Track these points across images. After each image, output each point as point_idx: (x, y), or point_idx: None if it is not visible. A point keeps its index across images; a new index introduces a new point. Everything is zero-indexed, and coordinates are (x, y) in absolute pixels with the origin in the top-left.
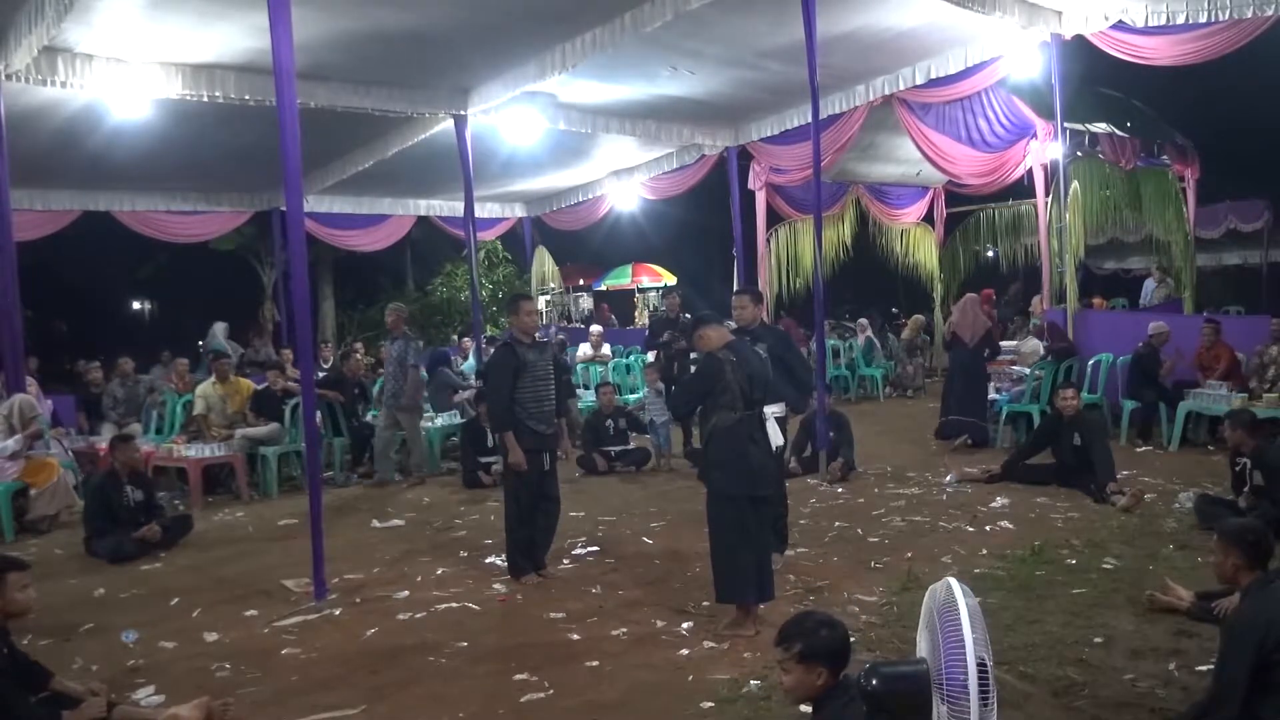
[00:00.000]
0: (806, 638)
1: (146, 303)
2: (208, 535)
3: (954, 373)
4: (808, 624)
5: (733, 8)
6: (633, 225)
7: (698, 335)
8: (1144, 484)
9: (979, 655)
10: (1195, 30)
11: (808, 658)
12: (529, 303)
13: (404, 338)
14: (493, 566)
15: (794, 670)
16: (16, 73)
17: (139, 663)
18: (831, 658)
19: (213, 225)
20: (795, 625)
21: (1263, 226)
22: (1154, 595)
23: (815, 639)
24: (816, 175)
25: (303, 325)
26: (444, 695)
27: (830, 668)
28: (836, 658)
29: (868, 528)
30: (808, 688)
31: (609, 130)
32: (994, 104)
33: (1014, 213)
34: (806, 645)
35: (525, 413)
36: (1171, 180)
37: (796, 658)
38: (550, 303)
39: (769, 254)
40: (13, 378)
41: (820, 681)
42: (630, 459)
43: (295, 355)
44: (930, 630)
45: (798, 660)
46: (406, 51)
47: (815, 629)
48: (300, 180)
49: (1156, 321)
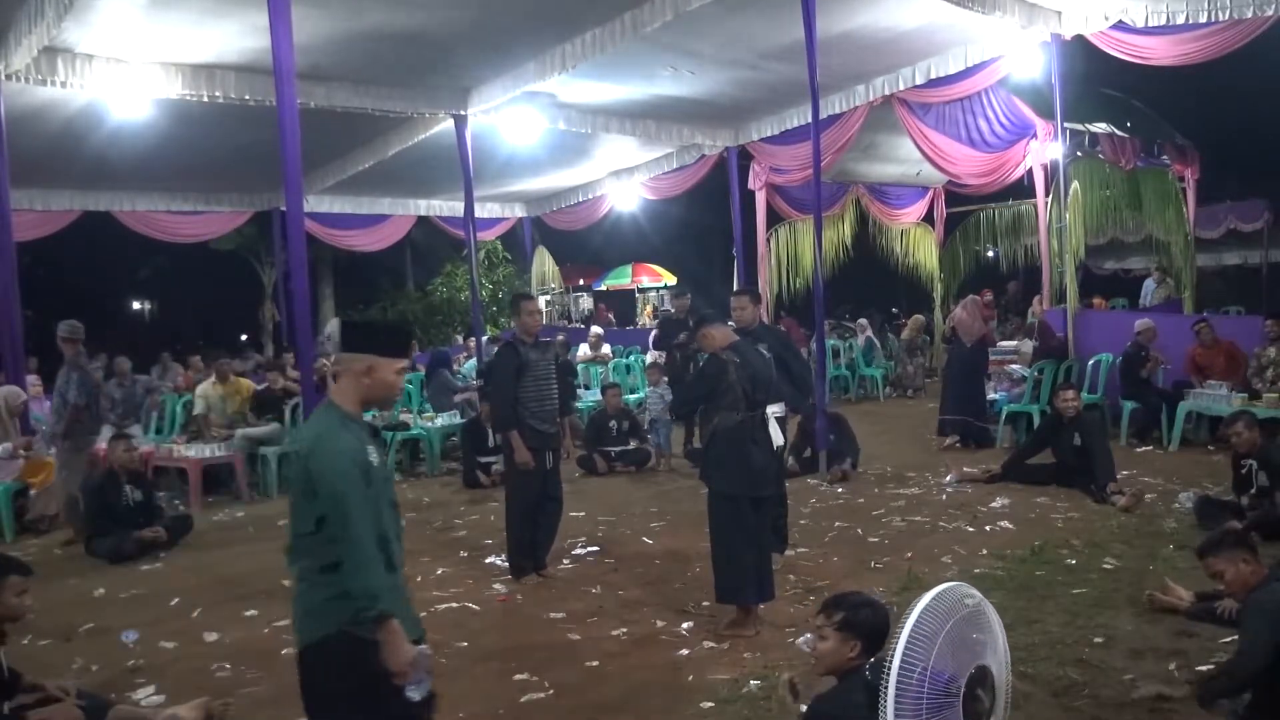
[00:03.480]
0: (849, 610)
1: (146, 303)
2: (208, 535)
3: (951, 370)
4: (854, 599)
5: (733, 8)
6: (633, 225)
7: (701, 335)
8: (1144, 484)
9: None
10: (1195, 30)
11: (845, 629)
12: (531, 302)
13: (73, 366)
14: (493, 566)
15: (831, 637)
16: (16, 73)
17: (139, 663)
18: (869, 635)
19: (213, 225)
20: (842, 597)
21: (1263, 226)
22: (1154, 595)
23: (857, 613)
24: (816, 175)
25: (303, 325)
26: (444, 695)
27: (865, 645)
28: (873, 637)
29: (868, 528)
30: (838, 658)
31: (609, 130)
32: (994, 104)
33: (1014, 213)
34: (848, 617)
35: (527, 412)
36: (1171, 180)
37: (836, 625)
38: (550, 303)
39: (769, 254)
40: (13, 378)
41: (852, 655)
42: (630, 459)
43: (295, 356)
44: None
45: (837, 628)
46: (406, 51)
47: (859, 605)
48: (300, 180)
49: (1142, 319)
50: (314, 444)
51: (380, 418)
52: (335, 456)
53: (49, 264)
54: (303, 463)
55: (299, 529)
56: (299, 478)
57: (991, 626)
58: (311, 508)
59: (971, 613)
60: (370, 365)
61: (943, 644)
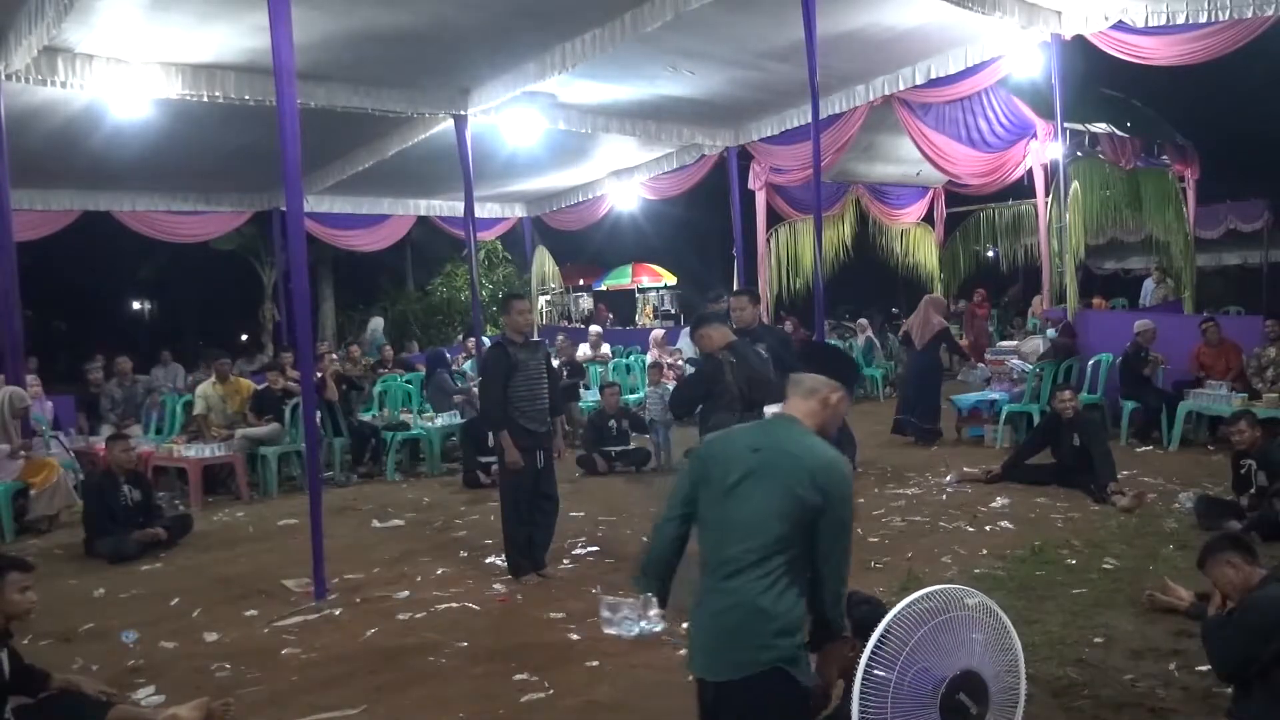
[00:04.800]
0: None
1: (146, 303)
2: (208, 535)
3: (906, 372)
4: (852, 598)
5: (733, 8)
6: (633, 225)
7: (700, 334)
8: (1144, 484)
9: None
10: (1195, 30)
11: None
12: (522, 302)
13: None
14: (493, 566)
15: None
16: (16, 73)
17: (139, 663)
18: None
19: (213, 225)
20: None
21: (1263, 226)
22: (1154, 595)
23: (856, 612)
24: (816, 175)
25: (303, 325)
26: (444, 695)
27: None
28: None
29: (868, 528)
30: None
31: (609, 130)
32: (994, 104)
33: (1014, 213)
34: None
35: (518, 412)
36: (1171, 180)
37: None
38: (550, 303)
39: (769, 254)
40: (13, 378)
41: (853, 654)
42: (630, 459)
43: (295, 356)
44: None
45: None
46: (406, 51)
47: (857, 603)
48: (300, 180)
49: (1142, 320)
50: (835, 460)
51: (380, 418)
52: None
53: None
54: (810, 477)
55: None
56: (798, 493)
57: (998, 633)
58: (800, 524)
59: (965, 616)
60: (841, 397)
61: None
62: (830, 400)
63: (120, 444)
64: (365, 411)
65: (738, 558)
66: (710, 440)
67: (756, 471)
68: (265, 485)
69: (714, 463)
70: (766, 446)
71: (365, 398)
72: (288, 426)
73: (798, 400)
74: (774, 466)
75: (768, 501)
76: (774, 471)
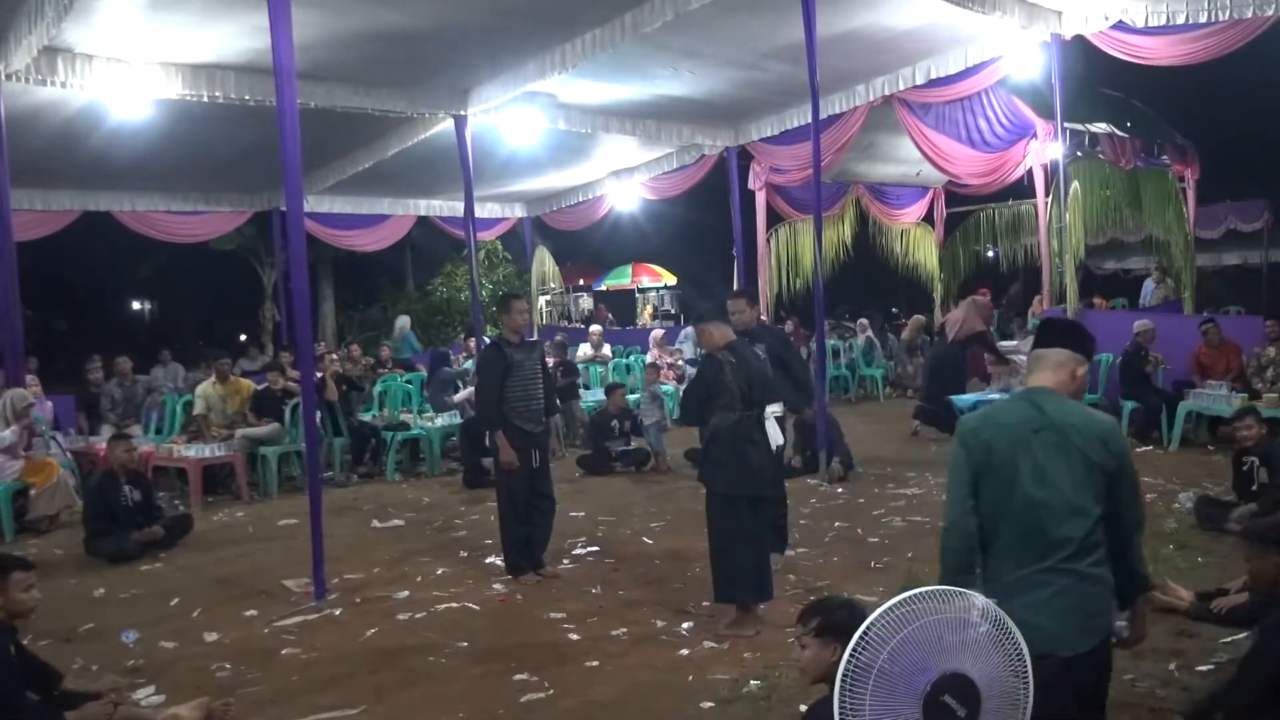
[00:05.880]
0: (825, 614)
1: (146, 303)
2: (208, 535)
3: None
4: (829, 603)
5: (733, 8)
6: (633, 225)
7: (701, 329)
8: (1144, 484)
9: None
10: (1195, 30)
11: (824, 633)
12: (519, 302)
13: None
14: (493, 566)
15: (810, 645)
16: (16, 73)
17: (139, 663)
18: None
19: (213, 225)
20: (817, 603)
21: (1263, 226)
22: (1154, 595)
23: (834, 616)
24: (816, 175)
25: (303, 325)
26: (444, 695)
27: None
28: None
29: (868, 528)
30: (822, 664)
31: (609, 130)
32: (994, 104)
33: (1014, 213)
34: (824, 621)
35: (513, 412)
36: (1171, 180)
37: (813, 632)
38: (550, 303)
39: (769, 254)
40: (13, 377)
41: (834, 659)
42: (631, 459)
43: (295, 355)
44: None
45: (815, 635)
46: (406, 51)
47: (835, 608)
48: (300, 180)
49: (1142, 320)
50: (1114, 422)
51: (380, 418)
52: None
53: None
54: (1103, 444)
55: (1091, 514)
56: (1096, 460)
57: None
58: (1100, 489)
59: (959, 617)
60: (1086, 370)
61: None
62: (1077, 373)
63: (123, 444)
64: (365, 411)
65: (1067, 538)
66: (975, 427)
67: (1050, 450)
68: (265, 485)
69: (994, 451)
70: (1048, 424)
71: (365, 398)
72: (288, 426)
73: (1048, 373)
74: (1066, 441)
75: (1074, 476)
76: (1067, 446)
